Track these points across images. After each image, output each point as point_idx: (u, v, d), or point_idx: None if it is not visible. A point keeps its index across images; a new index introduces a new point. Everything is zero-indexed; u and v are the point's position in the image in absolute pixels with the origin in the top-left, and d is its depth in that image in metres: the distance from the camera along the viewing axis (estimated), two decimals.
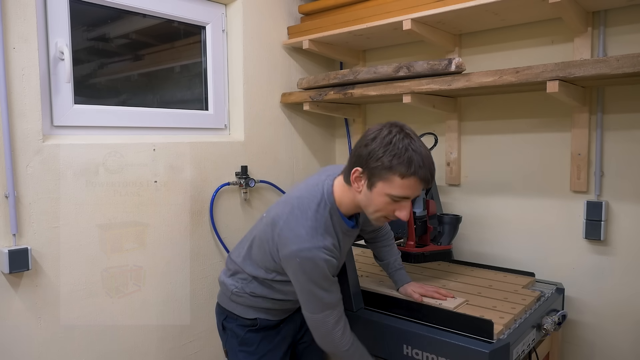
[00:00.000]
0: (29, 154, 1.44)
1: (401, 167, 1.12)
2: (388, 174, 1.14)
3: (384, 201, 1.17)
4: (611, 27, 1.68)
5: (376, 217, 1.23)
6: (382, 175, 1.15)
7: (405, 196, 1.16)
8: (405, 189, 1.14)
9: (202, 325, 1.92)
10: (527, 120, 1.91)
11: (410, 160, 1.12)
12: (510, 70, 1.55)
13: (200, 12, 2.00)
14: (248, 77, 2.08)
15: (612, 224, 1.72)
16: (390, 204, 1.18)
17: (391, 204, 1.18)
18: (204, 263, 1.92)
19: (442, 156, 2.13)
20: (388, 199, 1.17)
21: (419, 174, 1.13)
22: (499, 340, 1.30)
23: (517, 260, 1.94)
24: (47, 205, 1.48)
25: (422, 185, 1.16)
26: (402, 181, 1.13)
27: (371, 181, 1.18)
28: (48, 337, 1.49)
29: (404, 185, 1.13)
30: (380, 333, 1.48)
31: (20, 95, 1.41)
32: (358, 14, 1.99)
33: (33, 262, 1.44)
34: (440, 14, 1.75)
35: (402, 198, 1.16)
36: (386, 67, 1.84)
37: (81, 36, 1.70)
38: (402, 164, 1.12)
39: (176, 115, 1.93)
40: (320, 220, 1.24)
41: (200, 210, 1.89)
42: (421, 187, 1.17)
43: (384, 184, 1.15)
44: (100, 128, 1.69)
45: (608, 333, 1.75)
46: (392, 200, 1.17)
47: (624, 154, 1.69)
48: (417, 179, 1.13)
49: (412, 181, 1.13)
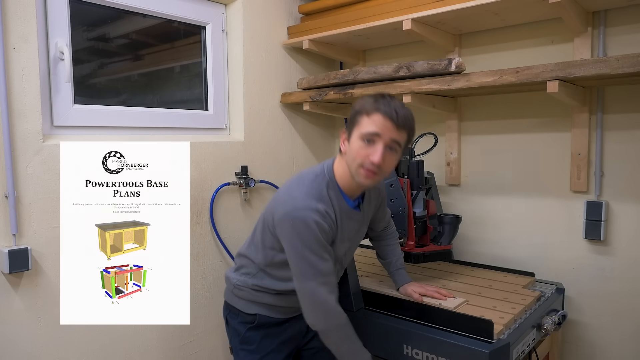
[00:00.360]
0: (29, 154, 1.44)
1: (367, 106, 1.22)
2: (358, 117, 1.24)
3: (359, 146, 1.22)
4: (611, 27, 1.68)
5: (356, 169, 1.24)
6: (354, 121, 1.25)
7: (373, 132, 1.20)
8: (371, 124, 1.20)
9: (202, 325, 1.92)
10: (527, 120, 1.91)
11: (376, 100, 1.22)
12: (510, 70, 1.55)
13: (200, 12, 2.00)
14: (248, 77, 2.08)
15: (612, 224, 1.72)
16: (364, 148, 1.21)
17: (364, 148, 1.21)
18: (204, 263, 1.92)
19: (442, 156, 2.13)
20: (361, 143, 1.22)
21: (382, 109, 1.20)
22: (499, 340, 1.30)
23: (517, 260, 1.94)
24: (47, 205, 1.48)
25: (389, 122, 1.19)
26: (369, 119, 1.21)
27: (349, 133, 1.26)
28: (48, 337, 1.49)
29: (370, 121, 1.20)
30: (380, 333, 1.48)
31: (20, 95, 1.41)
32: (358, 14, 1.99)
33: (33, 262, 1.44)
34: (440, 14, 1.75)
35: (371, 135, 1.20)
36: (386, 67, 1.84)
37: (81, 36, 1.70)
38: (368, 104, 1.22)
39: (176, 115, 1.93)
40: (315, 188, 1.28)
41: (200, 210, 1.89)
42: (389, 124, 1.19)
43: (357, 129, 1.23)
44: (100, 128, 1.69)
45: (608, 333, 1.75)
46: (365, 144, 1.21)
47: (624, 154, 1.69)
48: (381, 115, 1.20)
49: (377, 117, 1.20)
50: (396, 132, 1.21)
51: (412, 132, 1.27)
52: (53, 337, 1.50)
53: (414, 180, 1.75)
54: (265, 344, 1.44)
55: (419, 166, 1.76)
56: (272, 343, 1.44)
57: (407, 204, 1.69)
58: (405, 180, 1.71)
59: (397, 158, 1.27)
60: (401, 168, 1.78)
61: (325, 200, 1.28)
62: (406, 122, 1.22)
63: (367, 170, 1.22)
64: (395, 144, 1.22)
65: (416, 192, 1.74)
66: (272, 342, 1.44)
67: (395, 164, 1.28)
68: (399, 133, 1.21)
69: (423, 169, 1.79)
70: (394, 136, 1.21)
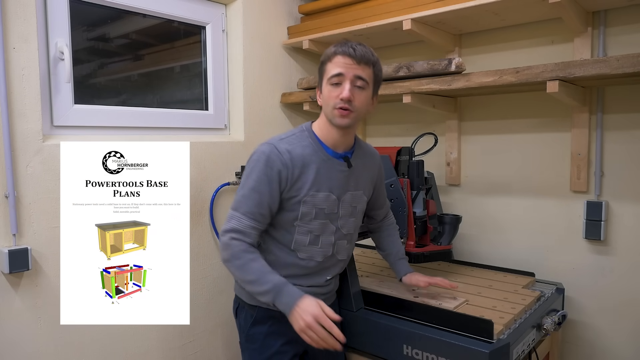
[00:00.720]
0: (29, 154, 1.44)
1: (328, 53, 1.31)
2: (324, 66, 1.31)
3: (329, 90, 1.29)
4: (611, 27, 1.68)
5: (332, 112, 1.29)
6: (322, 72, 1.33)
7: (336, 73, 1.27)
8: (334, 67, 1.28)
9: (202, 325, 1.92)
10: (527, 120, 1.91)
11: (335, 45, 1.30)
12: (510, 70, 1.55)
13: (200, 12, 2.00)
14: (248, 77, 2.08)
15: (612, 224, 1.72)
16: (333, 91, 1.28)
17: (334, 90, 1.28)
18: (204, 263, 1.92)
19: (442, 156, 2.13)
20: (330, 87, 1.29)
21: (340, 50, 1.27)
22: (499, 340, 1.30)
23: (517, 260, 1.94)
24: (47, 205, 1.48)
25: (349, 59, 1.26)
26: (331, 63, 1.29)
27: (320, 84, 1.34)
28: (48, 337, 1.49)
29: (333, 65, 1.28)
30: (380, 333, 1.48)
31: (20, 95, 1.41)
32: (358, 14, 2.00)
33: (33, 262, 1.44)
34: (440, 14, 1.75)
35: (336, 77, 1.27)
36: (386, 67, 1.84)
37: (81, 36, 1.70)
38: (329, 51, 1.31)
39: (176, 115, 1.93)
40: (287, 134, 1.37)
41: (200, 210, 1.89)
42: (349, 61, 1.26)
43: (324, 77, 1.31)
44: (100, 128, 1.69)
45: (608, 333, 1.75)
46: (333, 86, 1.28)
47: (624, 154, 1.69)
48: (340, 56, 1.27)
49: (337, 59, 1.28)
50: (358, 68, 1.27)
51: (377, 66, 1.32)
52: (53, 337, 1.50)
53: (414, 180, 1.75)
54: (269, 343, 1.40)
55: (419, 166, 1.76)
56: (275, 343, 1.40)
57: (407, 204, 1.69)
58: (405, 180, 1.71)
59: (368, 95, 1.31)
60: (401, 168, 1.78)
61: (292, 142, 1.33)
62: (364, 55, 1.28)
63: (340, 109, 1.27)
64: (361, 81, 1.27)
65: (416, 192, 1.74)
66: (275, 342, 1.40)
67: (367, 102, 1.32)
68: (362, 68, 1.27)
69: (423, 169, 1.79)
70: (357, 72, 1.27)
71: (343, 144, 1.36)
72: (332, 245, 1.38)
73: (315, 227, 1.34)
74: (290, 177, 1.30)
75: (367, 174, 1.45)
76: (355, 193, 1.41)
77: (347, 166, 1.37)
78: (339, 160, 1.36)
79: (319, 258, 1.38)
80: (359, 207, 1.44)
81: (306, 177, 1.31)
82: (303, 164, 1.31)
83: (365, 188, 1.45)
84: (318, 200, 1.32)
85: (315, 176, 1.31)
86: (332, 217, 1.36)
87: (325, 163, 1.33)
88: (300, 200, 1.31)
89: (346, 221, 1.41)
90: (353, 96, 1.26)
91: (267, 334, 1.41)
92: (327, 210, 1.35)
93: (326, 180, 1.33)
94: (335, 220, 1.38)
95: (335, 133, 1.33)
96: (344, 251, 1.44)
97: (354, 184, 1.40)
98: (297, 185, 1.30)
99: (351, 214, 1.41)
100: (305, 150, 1.32)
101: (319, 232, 1.36)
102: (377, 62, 1.32)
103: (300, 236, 1.35)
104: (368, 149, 1.48)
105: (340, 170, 1.36)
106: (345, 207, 1.39)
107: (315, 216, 1.33)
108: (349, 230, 1.42)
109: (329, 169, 1.34)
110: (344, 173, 1.36)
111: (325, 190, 1.33)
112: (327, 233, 1.37)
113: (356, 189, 1.41)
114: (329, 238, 1.37)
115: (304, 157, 1.31)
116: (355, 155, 1.40)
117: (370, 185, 1.48)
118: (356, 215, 1.43)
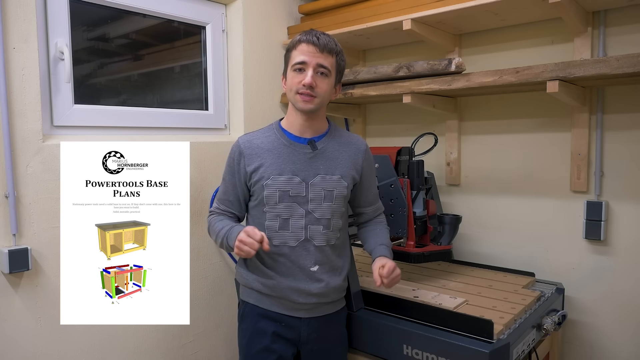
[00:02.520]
0: (29, 154, 1.44)
1: (294, 41, 1.36)
2: (288, 54, 1.38)
3: (292, 76, 1.36)
4: (611, 27, 1.68)
5: (294, 97, 1.36)
6: (286, 59, 1.39)
7: (300, 61, 1.33)
8: (298, 55, 1.34)
9: (202, 325, 1.92)
10: (527, 120, 1.91)
11: (300, 34, 1.36)
12: (510, 70, 1.55)
13: (200, 12, 2.00)
14: (248, 77, 2.08)
15: (612, 224, 1.72)
16: (296, 77, 1.34)
17: (297, 77, 1.34)
18: (204, 263, 1.92)
19: (442, 156, 2.13)
20: (293, 73, 1.35)
21: (304, 39, 1.34)
22: (499, 340, 1.30)
23: (517, 260, 1.94)
24: (47, 205, 1.48)
25: (312, 48, 1.32)
26: (296, 50, 1.35)
27: (285, 70, 1.40)
28: (48, 337, 1.49)
29: (297, 52, 1.34)
30: (380, 333, 1.48)
31: (20, 95, 1.41)
32: (358, 14, 2.00)
33: (33, 262, 1.44)
34: (440, 14, 1.75)
35: (299, 64, 1.33)
36: (386, 67, 1.84)
37: (81, 36, 1.70)
38: (294, 40, 1.37)
39: (176, 115, 1.93)
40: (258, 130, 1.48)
41: (200, 210, 1.89)
42: (312, 49, 1.32)
43: (289, 63, 1.37)
44: (100, 128, 1.69)
45: (608, 333, 1.75)
46: (297, 73, 1.34)
47: (624, 154, 1.69)
48: (304, 44, 1.33)
49: (301, 46, 1.34)
50: (321, 57, 1.32)
51: (340, 56, 1.38)
52: (53, 337, 1.50)
53: (414, 180, 1.75)
54: (255, 340, 1.40)
55: (419, 166, 1.76)
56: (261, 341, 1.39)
57: (407, 204, 1.69)
58: (405, 180, 1.71)
59: (331, 82, 1.37)
60: (401, 168, 1.78)
61: (256, 134, 1.44)
62: (327, 45, 1.33)
63: (302, 94, 1.33)
64: (323, 69, 1.33)
65: (416, 192, 1.74)
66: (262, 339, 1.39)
67: (329, 89, 1.38)
68: (324, 57, 1.33)
69: (423, 169, 1.79)
70: (319, 61, 1.32)
71: (309, 128, 1.41)
72: (303, 228, 1.38)
73: (282, 210, 1.37)
74: (248, 163, 1.39)
75: (346, 159, 1.42)
76: (329, 177, 1.39)
77: (311, 149, 1.40)
78: (303, 144, 1.40)
79: (292, 243, 1.38)
80: (336, 192, 1.40)
81: (267, 162, 1.38)
82: (263, 150, 1.39)
83: (345, 174, 1.41)
84: (280, 184, 1.37)
85: (275, 160, 1.38)
86: (299, 200, 1.37)
87: (287, 148, 1.39)
88: (262, 184, 1.37)
89: (319, 205, 1.38)
90: (315, 83, 1.33)
91: (253, 331, 1.41)
92: (292, 193, 1.37)
93: (289, 163, 1.38)
94: (305, 203, 1.38)
95: (300, 118, 1.39)
96: (320, 237, 1.39)
97: (324, 167, 1.40)
98: (259, 171, 1.38)
99: (325, 198, 1.39)
100: (267, 139, 1.41)
101: (287, 216, 1.38)
102: (340, 52, 1.39)
103: (270, 222, 1.38)
104: (350, 138, 1.48)
105: (304, 154, 1.39)
106: (315, 191, 1.38)
107: (279, 199, 1.37)
108: (323, 215, 1.39)
109: (291, 153, 1.39)
110: (308, 155, 1.39)
111: (288, 173, 1.37)
112: (296, 216, 1.38)
113: (328, 173, 1.39)
114: (298, 222, 1.38)
115: (265, 144, 1.40)
116: (327, 140, 1.42)
117: (351, 171, 1.43)
118: (333, 200, 1.40)
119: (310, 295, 1.38)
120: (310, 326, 1.41)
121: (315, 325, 1.42)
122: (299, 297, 1.38)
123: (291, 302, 1.39)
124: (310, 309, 1.41)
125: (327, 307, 1.44)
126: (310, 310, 1.41)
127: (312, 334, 1.41)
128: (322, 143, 1.41)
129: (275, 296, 1.40)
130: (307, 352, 1.44)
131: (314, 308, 1.41)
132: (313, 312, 1.41)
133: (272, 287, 1.40)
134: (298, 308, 1.40)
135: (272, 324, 1.40)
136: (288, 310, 1.41)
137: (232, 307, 2.02)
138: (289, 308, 1.40)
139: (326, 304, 1.43)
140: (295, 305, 1.40)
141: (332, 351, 1.47)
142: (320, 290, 1.39)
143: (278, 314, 1.40)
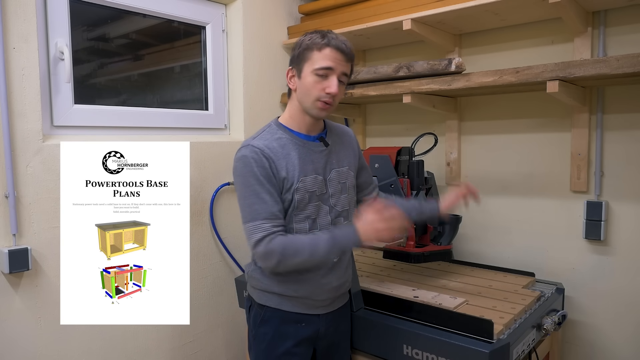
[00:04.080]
0: (29, 154, 1.44)
1: (317, 41, 1.27)
2: (308, 53, 1.28)
3: (313, 81, 1.28)
4: (611, 27, 1.68)
5: (313, 103, 1.30)
6: (304, 57, 1.29)
7: (326, 66, 1.26)
8: (324, 59, 1.26)
9: (202, 325, 1.92)
10: (527, 120, 1.91)
11: (323, 35, 1.28)
12: (510, 70, 1.55)
13: (200, 12, 2.00)
14: (248, 77, 2.08)
15: (612, 224, 1.72)
16: (319, 82, 1.27)
17: (319, 82, 1.27)
18: (204, 263, 1.92)
19: (442, 156, 2.13)
20: (315, 77, 1.27)
21: (332, 43, 1.26)
22: (499, 340, 1.30)
23: (517, 260, 1.94)
24: (47, 205, 1.48)
25: (340, 55, 1.27)
26: (320, 53, 1.26)
27: (299, 69, 1.31)
28: (48, 337, 1.49)
29: (322, 56, 1.26)
30: (380, 333, 1.48)
31: (20, 95, 1.41)
32: (358, 14, 2.00)
33: (33, 262, 1.44)
34: (440, 14, 1.75)
35: (324, 70, 1.26)
36: (386, 67, 1.84)
37: (81, 36, 1.70)
38: (317, 39, 1.28)
39: (176, 115, 1.93)
40: (257, 132, 1.37)
41: (200, 210, 1.89)
42: (340, 57, 1.27)
43: (308, 65, 1.28)
44: (100, 128, 1.70)
45: (608, 333, 1.75)
46: (319, 77, 1.27)
47: (624, 154, 1.69)
48: (332, 48, 1.26)
49: (328, 51, 1.26)
50: (346, 65, 1.30)
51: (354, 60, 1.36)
52: (53, 337, 1.50)
53: (414, 180, 1.75)
54: (275, 344, 1.39)
55: (419, 166, 1.76)
56: (283, 344, 1.38)
57: None
58: (405, 180, 1.71)
59: (344, 88, 1.35)
60: (401, 168, 1.78)
61: (266, 137, 1.34)
62: (352, 53, 1.31)
63: (324, 102, 1.29)
64: (345, 76, 1.31)
65: (416, 192, 1.74)
66: (283, 343, 1.38)
67: (342, 95, 1.36)
68: (347, 65, 1.30)
69: (423, 169, 1.79)
70: (344, 69, 1.29)
71: (315, 128, 1.40)
72: (329, 224, 1.38)
73: (311, 211, 1.35)
74: (279, 169, 1.31)
75: (347, 149, 1.46)
76: (340, 170, 1.42)
77: (324, 145, 1.39)
78: (315, 142, 1.38)
79: None
80: (348, 183, 1.44)
81: (292, 165, 1.32)
82: (284, 154, 1.32)
83: (350, 163, 1.46)
84: (308, 185, 1.34)
85: (297, 162, 1.33)
86: (323, 197, 1.37)
87: (303, 148, 1.36)
88: (293, 189, 1.31)
89: (338, 199, 1.40)
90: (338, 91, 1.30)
91: (274, 335, 1.40)
92: (317, 192, 1.36)
93: (309, 163, 1.35)
94: (327, 200, 1.38)
95: (309, 120, 1.36)
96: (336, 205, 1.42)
97: (336, 161, 1.41)
98: (288, 177, 1.31)
99: (342, 191, 1.41)
100: (281, 141, 1.34)
101: (315, 215, 1.36)
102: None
103: (299, 224, 1.35)
104: (340, 128, 1.50)
105: (319, 151, 1.38)
106: (333, 185, 1.40)
107: (309, 200, 1.35)
108: (343, 207, 1.42)
109: (308, 152, 1.36)
110: (323, 152, 1.39)
111: (311, 173, 1.35)
112: (323, 214, 1.38)
113: (340, 166, 1.42)
114: (325, 218, 1.38)
115: (282, 147, 1.33)
116: (328, 135, 1.43)
117: (354, 159, 1.48)
118: (347, 191, 1.43)
119: (331, 289, 1.39)
120: (327, 321, 1.42)
121: (330, 320, 1.43)
122: (321, 294, 1.39)
123: (312, 300, 1.40)
124: (327, 305, 1.42)
125: (339, 300, 1.46)
126: (327, 306, 1.42)
127: (328, 328, 1.43)
128: (328, 138, 1.41)
129: (297, 297, 1.40)
130: (321, 348, 1.45)
131: (330, 303, 1.43)
132: (329, 307, 1.43)
133: (294, 289, 1.38)
134: (318, 305, 1.41)
135: (293, 325, 1.40)
136: (308, 308, 1.41)
137: (232, 307, 2.02)
138: (310, 306, 1.41)
139: (339, 296, 1.45)
140: (316, 303, 1.40)
141: (340, 345, 1.49)
142: (339, 282, 1.42)
143: (299, 314, 1.40)
